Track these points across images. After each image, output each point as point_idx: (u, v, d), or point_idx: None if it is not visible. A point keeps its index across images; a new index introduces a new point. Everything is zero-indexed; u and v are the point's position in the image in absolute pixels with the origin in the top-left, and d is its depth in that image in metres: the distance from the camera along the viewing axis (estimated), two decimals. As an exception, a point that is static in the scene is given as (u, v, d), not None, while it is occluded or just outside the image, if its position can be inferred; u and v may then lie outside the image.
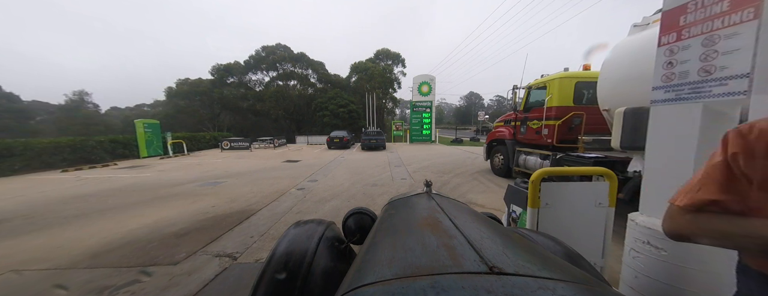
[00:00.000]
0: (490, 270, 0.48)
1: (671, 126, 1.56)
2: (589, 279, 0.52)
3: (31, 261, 2.83)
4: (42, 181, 7.54)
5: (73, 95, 31.67)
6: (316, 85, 33.16)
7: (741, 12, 1.22)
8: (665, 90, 1.56)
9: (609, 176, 1.86)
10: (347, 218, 1.37)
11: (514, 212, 2.37)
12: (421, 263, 0.55)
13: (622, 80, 3.57)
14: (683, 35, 1.46)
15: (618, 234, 1.99)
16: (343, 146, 16.95)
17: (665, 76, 1.56)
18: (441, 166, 9.30)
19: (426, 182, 1.42)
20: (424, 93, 21.81)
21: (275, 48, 31.73)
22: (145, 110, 40.13)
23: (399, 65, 34.35)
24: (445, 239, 0.68)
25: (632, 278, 1.64)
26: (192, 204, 4.85)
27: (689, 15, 1.43)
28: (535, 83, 6.04)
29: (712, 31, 1.33)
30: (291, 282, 0.85)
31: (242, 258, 2.86)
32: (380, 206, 1.41)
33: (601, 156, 4.04)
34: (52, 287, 2.38)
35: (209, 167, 9.32)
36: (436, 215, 0.93)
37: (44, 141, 9.96)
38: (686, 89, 1.46)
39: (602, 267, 1.90)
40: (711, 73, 1.35)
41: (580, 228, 1.88)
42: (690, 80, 1.44)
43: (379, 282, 0.49)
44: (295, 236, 1.03)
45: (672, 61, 1.52)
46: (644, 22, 3.59)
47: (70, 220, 4.14)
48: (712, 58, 1.34)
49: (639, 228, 1.62)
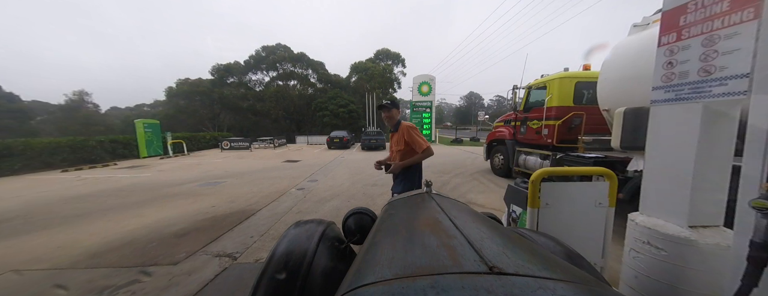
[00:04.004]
0: (490, 270, 0.48)
1: (671, 126, 1.56)
2: (589, 279, 0.52)
3: (31, 261, 2.83)
4: (42, 181, 7.54)
5: (73, 95, 31.67)
6: (316, 85, 33.16)
7: (741, 12, 1.22)
8: (665, 90, 1.56)
9: (609, 176, 1.86)
10: (347, 219, 1.37)
11: (514, 212, 2.37)
12: (421, 263, 0.55)
13: (622, 80, 3.57)
14: (683, 35, 1.46)
15: (618, 234, 1.99)
16: (343, 146, 16.95)
17: (665, 76, 1.56)
18: (441, 166, 9.30)
19: (426, 182, 1.42)
20: (424, 93, 21.82)
21: (275, 48, 31.74)
22: (145, 110, 40.17)
23: (399, 65, 34.38)
24: (445, 239, 0.68)
25: (632, 278, 1.64)
26: (192, 204, 4.85)
27: (689, 15, 1.43)
28: (535, 83, 6.04)
29: (712, 31, 1.33)
30: (291, 282, 0.85)
31: (242, 258, 2.86)
32: (380, 206, 1.41)
33: (601, 156, 4.04)
34: (52, 287, 2.38)
35: (209, 167, 9.31)
36: (436, 215, 0.93)
37: (44, 141, 9.95)
38: (686, 89, 1.46)
39: (602, 267, 1.90)
40: (711, 73, 1.35)
41: (580, 228, 1.88)
42: (690, 80, 1.44)
43: (379, 282, 0.49)
44: (295, 236, 1.03)
45: (672, 62, 1.52)
46: (644, 22, 3.59)
47: (70, 220, 4.14)
48: (712, 58, 1.34)
49: (639, 228, 1.62)
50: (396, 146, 2.50)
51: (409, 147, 2.43)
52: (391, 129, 2.58)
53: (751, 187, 1.08)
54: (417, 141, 2.38)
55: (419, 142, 2.38)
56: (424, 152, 2.39)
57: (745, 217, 1.10)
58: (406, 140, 2.40)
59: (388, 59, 33.95)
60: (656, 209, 1.65)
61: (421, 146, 2.38)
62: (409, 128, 2.43)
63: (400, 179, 2.46)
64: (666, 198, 1.59)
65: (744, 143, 1.12)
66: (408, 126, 2.44)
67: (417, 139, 2.39)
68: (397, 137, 2.50)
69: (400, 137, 2.44)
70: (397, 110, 2.53)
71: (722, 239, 1.38)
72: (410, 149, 2.44)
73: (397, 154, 2.50)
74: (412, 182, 2.46)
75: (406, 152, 2.45)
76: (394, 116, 2.50)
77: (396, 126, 2.51)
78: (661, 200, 1.63)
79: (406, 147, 2.43)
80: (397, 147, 2.50)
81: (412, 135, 2.39)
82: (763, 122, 1.06)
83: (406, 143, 2.41)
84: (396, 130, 2.51)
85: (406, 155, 2.45)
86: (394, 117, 2.51)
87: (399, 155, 2.47)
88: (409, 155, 2.45)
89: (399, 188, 2.43)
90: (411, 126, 2.45)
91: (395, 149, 2.51)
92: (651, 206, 1.68)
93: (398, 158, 2.47)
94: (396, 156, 2.50)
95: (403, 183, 2.44)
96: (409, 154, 2.46)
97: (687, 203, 1.47)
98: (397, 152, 2.49)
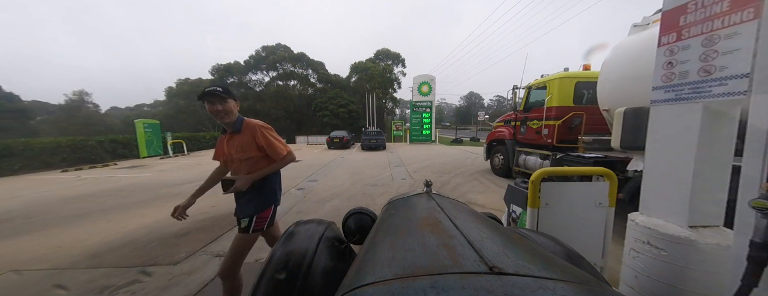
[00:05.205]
0: (490, 270, 0.48)
1: (671, 126, 1.56)
2: (589, 279, 0.52)
3: (31, 261, 2.83)
4: (42, 181, 7.54)
5: (73, 95, 31.71)
6: (316, 85, 33.21)
7: (741, 12, 1.22)
8: (665, 90, 1.56)
9: (609, 176, 1.86)
10: (347, 219, 1.37)
11: (514, 212, 2.37)
12: (421, 263, 0.55)
13: (622, 80, 3.57)
14: (683, 35, 1.46)
15: (618, 234, 1.99)
16: (343, 146, 16.95)
17: (665, 76, 1.56)
18: (441, 166, 9.30)
19: (426, 182, 1.42)
20: (424, 93, 21.83)
21: (275, 48, 31.77)
22: (146, 109, 40.19)
23: (399, 65, 34.43)
24: (445, 239, 0.68)
25: (632, 278, 1.64)
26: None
27: (689, 15, 1.43)
28: (535, 83, 6.04)
29: (712, 31, 1.33)
30: (291, 282, 0.85)
31: (242, 258, 2.86)
32: (380, 206, 1.41)
33: (601, 156, 4.04)
34: (52, 287, 2.38)
35: (209, 167, 9.28)
36: (436, 215, 0.93)
37: (44, 141, 9.96)
38: (686, 89, 1.46)
39: (602, 267, 1.90)
40: (711, 73, 1.35)
41: (580, 228, 1.89)
42: (690, 80, 1.44)
43: (379, 282, 0.49)
44: (296, 236, 1.03)
45: (672, 62, 1.52)
46: (644, 22, 3.59)
47: (70, 220, 4.14)
48: (712, 58, 1.34)
49: (639, 228, 1.62)
50: (239, 153, 1.75)
51: (262, 154, 1.77)
52: (227, 129, 1.78)
53: (751, 187, 1.08)
54: (276, 146, 1.78)
55: (278, 147, 1.78)
56: (284, 160, 1.82)
57: (745, 217, 1.10)
58: (261, 144, 1.74)
59: (388, 59, 33.99)
60: (656, 209, 1.65)
61: (279, 152, 1.78)
62: (262, 128, 1.77)
63: (250, 197, 1.76)
64: (666, 198, 1.59)
65: (744, 143, 1.12)
66: (260, 126, 1.77)
67: (276, 143, 1.78)
68: (241, 140, 1.75)
69: (249, 141, 1.74)
70: (235, 102, 1.76)
71: (722, 239, 1.38)
72: (264, 157, 1.78)
73: (242, 164, 1.76)
74: (265, 199, 1.80)
75: (259, 161, 1.78)
76: (231, 109, 1.71)
77: (237, 125, 1.75)
78: (661, 200, 1.63)
79: (259, 154, 1.76)
80: (241, 154, 1.75)
81: (270, 138, 1.76)
82: (763, 122, 1.06)
83: (260, 149, 1.75)
84: (237, 130, 1.75)
85: (257, 165, 1.77)
86: (231, 112, 1.71)
87: (245, 166, 1.76)
88: (260, 165, 1.78)
89: (249, 208, 1.74)
90: (263, 125, 1.80)
91: (238, 158, 1.76)
92: (651, 206, 1.68)
93: (244, 170, 1.76)
94: (240, 167, 1.77)
95: (253, 202, 1.76)
96: (261, 163, 1.78)
97: (687, 203, 1.47)
98: (243, 161, 1.76)
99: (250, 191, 1.76)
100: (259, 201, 1.78)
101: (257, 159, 1.78)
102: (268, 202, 1.82)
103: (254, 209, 1.75)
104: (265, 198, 1.80)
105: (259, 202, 1.78)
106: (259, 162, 1.79)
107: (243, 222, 1.73)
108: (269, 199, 1.82)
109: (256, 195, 1.78)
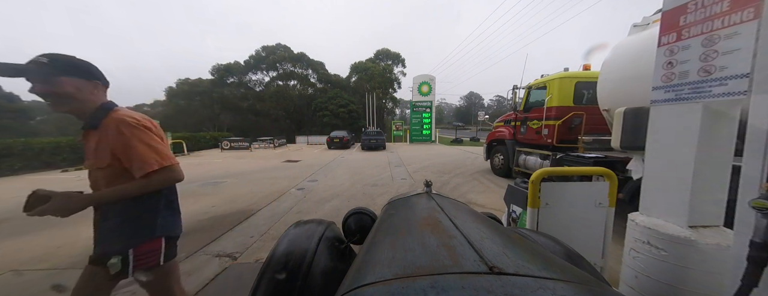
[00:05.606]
0: (490, 270, 0.48)
1: (671, 126, 1.56)
2: (589, 279, 0.52)
3: (31, 261, 2.83)
4: (42, 181, 7.54)
5: (73, 95, 31.61)
6: (316, 85, 33.22)
7: (741, 12, 1.22)
8: (665, 90, 1.56)
9: (609, 176, 1.87)
10: (347, 219, 1.37)
11: (514, 212, 2.37)
12: (421, 263, 0.55)
13: (622, 80, 3.57)
14: (683, 35, 1.46)
15: (618, 234, 1.99)
16: (343, 146, 16.95)
17: (665, 76, 1.56)
18: (441, 166, 9.30)
19: (426, 182, 1.42)
20: (424, 93, 21.83)
21: (275, 48, 31.77)
22: (145, 109, 40.10)
23: (399, 65, 34.44)
24: (445, 239, 0.68)
25: (632, 278, 1.64)
26: (192, 204, 4.85)
27: (689, 15, 1.43)
28: (535, 83, 6.05)
29: (712, 31, 1.33)
30: (291, 282, 0.85)
31: (242, 258, 2.86)
32: (380, 206, 1.41)
33: (601, 156, 4.04)
34: (51, 287, 2.38)
35: (209, 167, 9.27)
36: (436, 215, 0.93)
37: (44, 141, 9.95)
38: (686, 89, 1.46)
39: (602, 267, 1.90)
40: (711, 73, 1.35)
41: (580, 228, 1.89)
42: (690, 80, 1.44)
43: (379, 282, 0.49)
44: (295, 236, 1.03)
45: (672, 62, 1.52)
46: (644, 22, 3.59)
47: (70, 220, 4.12)
48: (712, 58, 1.34)
49: (639, 228, 1.62)
50: (93, 160, 1.20)
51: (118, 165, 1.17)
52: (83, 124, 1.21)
53: (751, 187, 1.08)
54: (140, 154, 1.15)
55: (145, 156, 1.16)
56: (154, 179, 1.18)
57: (745, 217, 1.10)
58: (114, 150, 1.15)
59: (388, 59, 34.01)
60: (656, 209, 1.65)
61: (145, 164, 1.16)
62: (127, 124, 1.16)
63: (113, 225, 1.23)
64: (666, 198, 1.59)
65: (744, 143, 1.12)
66: (126, 122, 1.16)
67: (141, 150, 1.16)
68: (96, 140, 1.18)
69: (104, 143, 1.16)
70: (86, 81, 1.16)
71: (722, 239, 1.38)
72: (122, 170, 1.18)
73: (99, 176, 1.21)
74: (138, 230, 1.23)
75: (122, 174, 1.18)
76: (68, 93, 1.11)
77: (94, 118, 1.18)
78: (661, 200, 1.63)
79: (120, 165, 1.17)
80: (94, 161, 1.20)
81: (132, 141, 1.15)
82: (763, 122, 1.06)
83: (115, 157, 1.16)
84: (93, 126, 1.18)
85: (120, 181, 1.17)
86: (69, 96, 1.12)
87: (103, 179, 1.20)
88: (121, 180, 1.17)
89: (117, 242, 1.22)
90: (133, 121, 1.18)
91: (91, 165, 1.23)
92: (651, 206, 1.68)
93: (102, 185, 1.20)
94: (97, 180, 1.23)
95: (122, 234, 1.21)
96: (122, 177, 1.18)
97: (687, 203, 1.47)
98: (98, 171, 1.21)
99: (112, 213, 1.21)
100: (131, 231, 1.22)
101: (120, 172, 1.17)
102: (146, 234, 1.24)
103: (125, 244, 1.21)
104: (138, 229, 1.23)
105: (132, 232, 1.22)
106: (123, 176, 1.18)
107: (112, 263, 1.17)
108: (138, 231, 1.23)
109: (124, 223, 1.20)
